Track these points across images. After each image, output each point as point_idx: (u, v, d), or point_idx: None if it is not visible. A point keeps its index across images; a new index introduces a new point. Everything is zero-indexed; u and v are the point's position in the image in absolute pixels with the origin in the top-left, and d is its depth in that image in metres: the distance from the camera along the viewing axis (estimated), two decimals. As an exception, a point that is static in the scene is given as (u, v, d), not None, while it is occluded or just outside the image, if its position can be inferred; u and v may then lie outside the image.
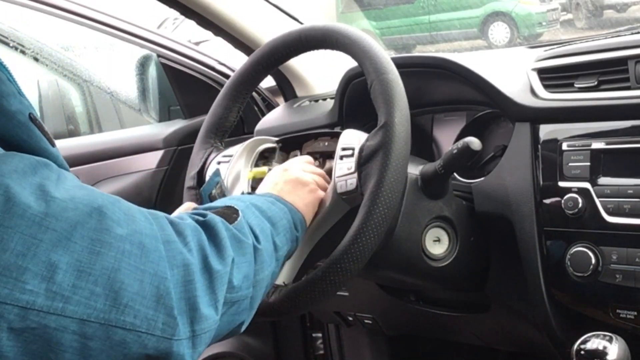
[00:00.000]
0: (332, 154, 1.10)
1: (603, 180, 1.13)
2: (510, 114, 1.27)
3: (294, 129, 1.54)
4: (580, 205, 1.13)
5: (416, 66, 1.37)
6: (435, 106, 1.47)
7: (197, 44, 2.02)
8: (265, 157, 1.24)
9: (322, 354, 1.92)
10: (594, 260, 1.12)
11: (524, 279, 1.22)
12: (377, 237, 0.97)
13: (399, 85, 1.04)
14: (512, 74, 1.29)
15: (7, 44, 2.07)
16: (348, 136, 1.09)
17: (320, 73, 1.82)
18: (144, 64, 2.04)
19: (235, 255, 0.79)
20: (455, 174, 1.36)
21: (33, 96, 2.15)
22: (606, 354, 1.03)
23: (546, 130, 1.20)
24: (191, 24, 1.73)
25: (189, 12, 1.66)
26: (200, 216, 0.80)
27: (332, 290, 0.98)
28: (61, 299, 0.57)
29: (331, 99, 1.55)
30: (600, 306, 1.15)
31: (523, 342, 1.39)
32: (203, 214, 0.81)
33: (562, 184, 1.17)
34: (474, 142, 1.11)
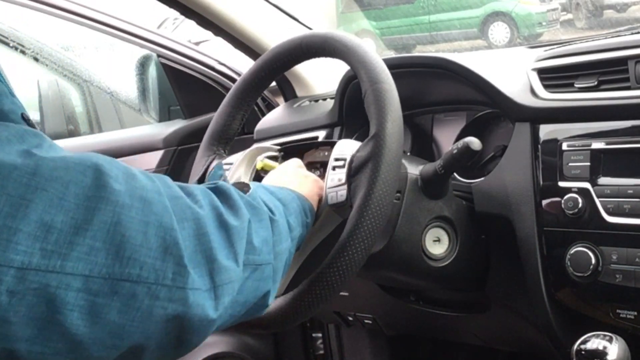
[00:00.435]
0: None
1: (603, 180, 1.13)
2: (510, 114, 1.27)
3: (294, 129, 1.54)
4: (580, 205, 1.13)
5: (416, 66, 1.37)
6: (435, 106, 1.47)
7: (197, 44, 2.02)
8: None
9: (322, 354, 1.92)
10: (594, 261, 1.12)
11: (524, 279, 1.21)
12: (365, 251, 0.95)
13: (392, 95, 1.02)
14: (512, 74, 1.29)
15: (7, 44, 2.07)
16: (342, 146, 1.07)
17: (320, 73, 1.82)
18: (144, 64, 2.04)
19: (252, 218, 0.77)
20: (455, 174, 1.35)
21: (33, 96, 2.15)
22: (606, 354, 1.03)
23: (546, 130, 1.20)
24: (191, 24, 1.73)
25: (189, 12, 1.66)
26: (211, 185, 0.78)
27: (319, 304, 0.96)
28: (59, 257, 0.55)
29: (331, 99, 1.55)
30: (600, 306, 1.15)
31: (523, 342, 1.39)
32: (213, 182, 0.79)
33: (562, 184, 1.16)
34: (474, 142, 1.10)
